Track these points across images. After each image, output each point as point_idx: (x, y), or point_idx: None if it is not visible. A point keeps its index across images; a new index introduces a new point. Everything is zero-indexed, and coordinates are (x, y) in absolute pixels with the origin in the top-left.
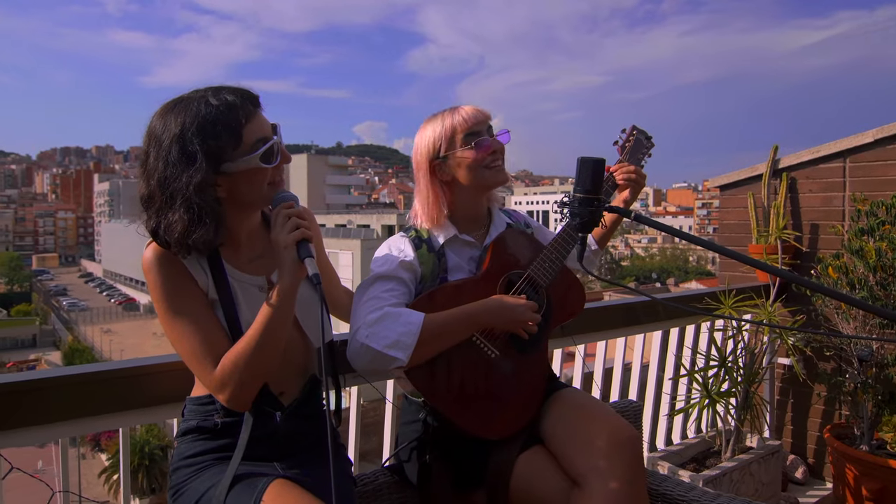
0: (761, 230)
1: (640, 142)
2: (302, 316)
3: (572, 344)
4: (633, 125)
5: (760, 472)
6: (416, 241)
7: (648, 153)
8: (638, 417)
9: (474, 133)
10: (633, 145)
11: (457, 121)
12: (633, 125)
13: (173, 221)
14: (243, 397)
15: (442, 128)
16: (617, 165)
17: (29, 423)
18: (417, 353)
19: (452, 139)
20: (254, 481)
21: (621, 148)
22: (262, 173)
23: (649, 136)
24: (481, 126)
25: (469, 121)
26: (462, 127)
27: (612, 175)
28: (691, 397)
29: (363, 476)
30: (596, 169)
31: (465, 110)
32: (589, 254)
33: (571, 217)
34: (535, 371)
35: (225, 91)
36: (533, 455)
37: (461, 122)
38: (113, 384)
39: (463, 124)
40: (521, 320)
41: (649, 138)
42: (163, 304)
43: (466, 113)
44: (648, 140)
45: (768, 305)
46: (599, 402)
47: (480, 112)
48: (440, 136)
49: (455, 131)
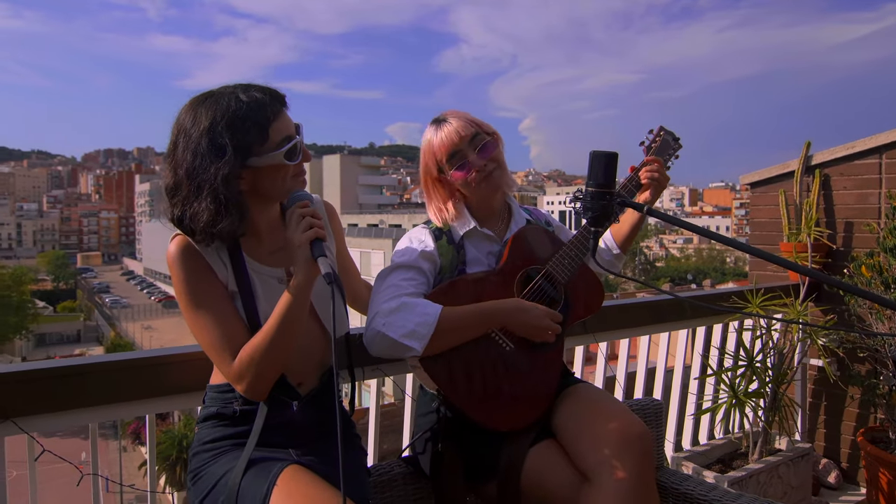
0: (792, 228)
1: (666, 143)
2: (321, 309)
3: (594, 341)
4: (661, 126)
5: (789, 475)
6: (436, 232)
7: (675, 154)
8: (659, 416)
9: (455, 154)
10: (659, 146)
11: (436, 144)
12: (660, 126)
13: (199, 211)
14: (260, 388)
15: (431, 149)
16: (643, 164)
17: (60, 408)
18: (432, 344)
19: (440, 163)
20: (268, 466)
21: (647, 148)
22: (285, 169)
23: (677, 137)
24: (460, 145)
25: (446, 146)
26: (441, 152)
27: (637, 176)
28: (718, 397)
29: (379, 466)
30: (608, 162)
31: (442, 134)
32: (610, 258)
33: (584, 212)
34: (549, 366)
35: (254, 89)
36: (544, 448)
37: (439, 148)
38: (139, 372)
39: (441, 149)
40: (538, 327)
41: (677, 139)
42: (185, 297)
43: (442, 139)
44: (676, 141)
45: (797, 305)
46: (612, 398)
47: (456, 132)
48: (430, 156)
49: (440, 157)
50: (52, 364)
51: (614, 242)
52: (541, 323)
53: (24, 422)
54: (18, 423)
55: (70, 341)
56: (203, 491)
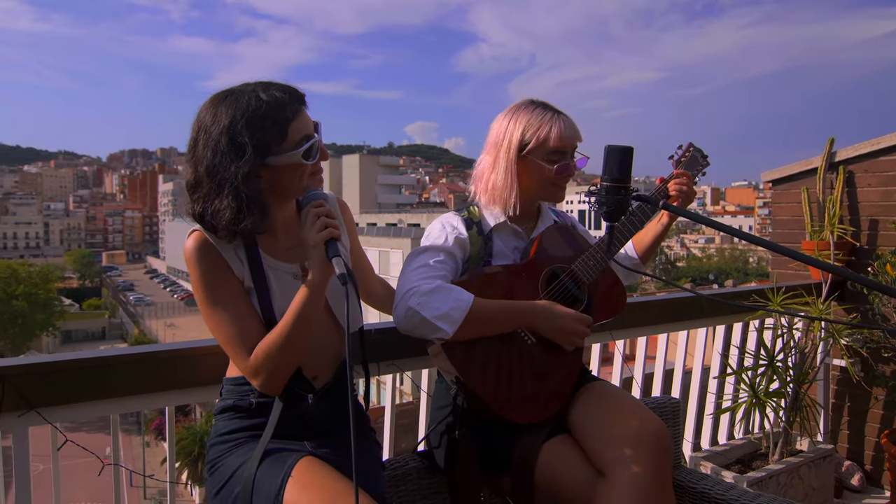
0: (815, 226)
1: (695, 159)
2: (335, 305)
3: (610, 339)
4: (690, 142)
5: (811, 477)
6: (468, 221)
7: (703, 171)
8: (676, 414)
9: (560, 152)
10: (688, 161)
11: (553, 133)
12: (689, 142)
13: (221, 208)
14: (275, 383)
15: (538, 129)
16: (671, 177)
17: (82, 399)
18: (461, 330)
19: (541, 146)
20: (283, 457)
21: (676, 163)
22: (302, 167)
23: (705, 154)
24: (569, 148)
25: (563, 139)
26: (555, 142)
27: (665, 188)
28: (738, 397)
29: (394, 460)
30: (623, 157)
31: (564, 126)
32: (629, 266)
33: (599, 206)
34: (569, 362)
35: (273, 87)
36: (559, 443)
37: (556, 137)
38: (159, 365)
39: (557, 140)
40: (569, 331)
41: (705, 157)
42: (202, 293)
43: (564, 131)
44: (704, 158)
45: (819, 303)
46: (628, 395)
47: (576, 135)
48: (533, 135)
49: (547, 140)
50: (75, 356)
51: (635, 251)
52: (571, 327)
53: (47, 412)
54: (42, 413)
55: (95, 338)
56: (220, 482)
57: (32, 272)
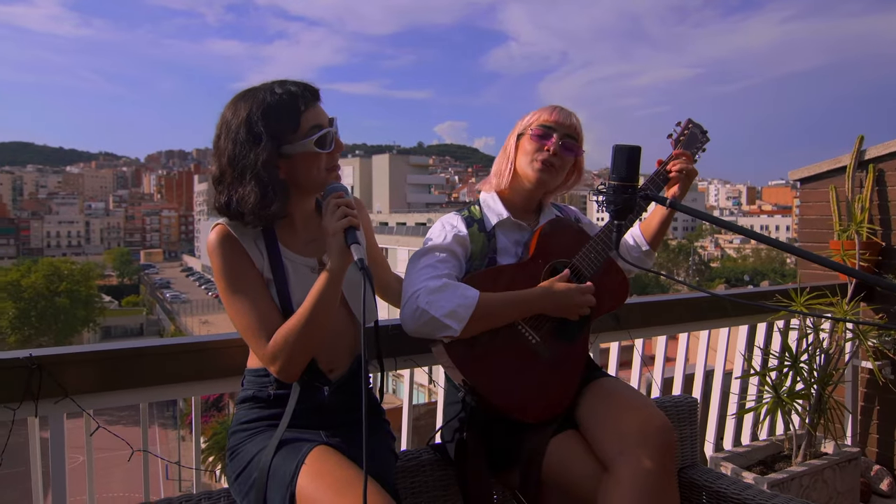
0: (843, 225)
1: (694, 136)
2: (351, 297)
3: (628, 338)
4: (689, 119)
5: (835, 480)
6: (468, 219)
7: (703, 147)
8: (693, 413)
9: (548, 128)
10: (687, 139)
11: (545, 112)
12: (688, 119)
13: (246, 194)
14: (292, 370)
15: (538, 112)
16: (670, 157)
17: (113, 387)
18: (470, 326)
19: (531, 125)
20: (298, 446)
21: (675, 141)
22: (318, 159)
23: (705, 130)
24: (559, 127)
25: (553, 116)
26: (544, 118)
27: (665, 169)
28: (762, 398)
29: (408, 452)
30: (631, 156)
31: (560, 109)
32: (639, 254)
33: (606, 205)
34: (573, 358)
35: (289, 83)
36: (566, 439)
37: (546, 115)
38: (186, 356)
39: (546, 117)
40: (574, 304)
41: (705, 132)
42: (224, 283)
43: (559, 111)
44: (704, 134)
45: (844, 304)
46: (635, 391)
47: (569, 117)
48: (531, 118)
49: (538, 119)
50: (108, 346)
51: (643, 238)
52: (573, 300)
53: (81, 399)
54: (76, 400)
55: (133, 334)
56: (239, 467)
57: (74, 270)
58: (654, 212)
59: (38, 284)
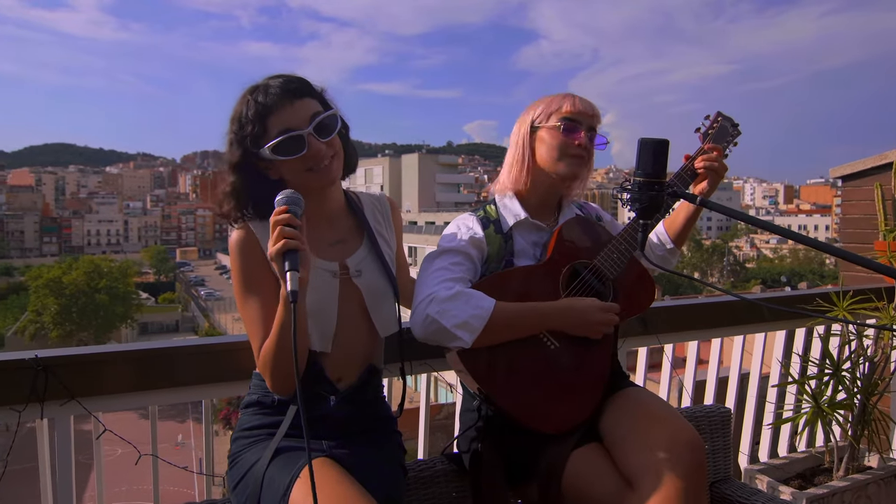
0: (889, 224)
1: (724, 129)
2: (371, 305)
3: (657, 343)
4: (718, 111)
5: (880, 496)
6: (484, 220)
7: (734, 142)
8: (726, 424)
9: (573, 120)
10: (716, 133)
11: (566, 102)
12: (717, 111)
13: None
14: (277, 384)
15: (551, 101)
16: (698, 152)
17: (121, 390)
18: (482, 337)
19: (551, 115)
20: (296, 457)
21: (703, 135)
22: (292, 163)
23: (736, 123)
24: (584, 118)
25: (576, 106)
26: (567, 109)
27: (692, 165)
28: (800, 407)
29: (421, 462)
30: (657, 150)
31: (579, 98)
32: (663, 252)
33: (631, 203)
34: (596, 366)
35: (272, 82)
36: (588, 452)
37: (568, 105)
38: (195, 358)
39: (569, 107)
40: (597, 322)
41: (735, 126)
42: (238, 285)
43: (578, 100)
44: (734, 128)
45: (891, 309)
46: (663, 403)
47: (591, 106)
48: (545, 108)
49: (558, 109)
50: (113, 348)
51: (668, 236)
52: (596, 318)
53: (87, 402)
54: (83, 402)
55: (169, 330)
56: (238, 476)
57: (113, 267)
58: (680, 208)
59: (79, 281)
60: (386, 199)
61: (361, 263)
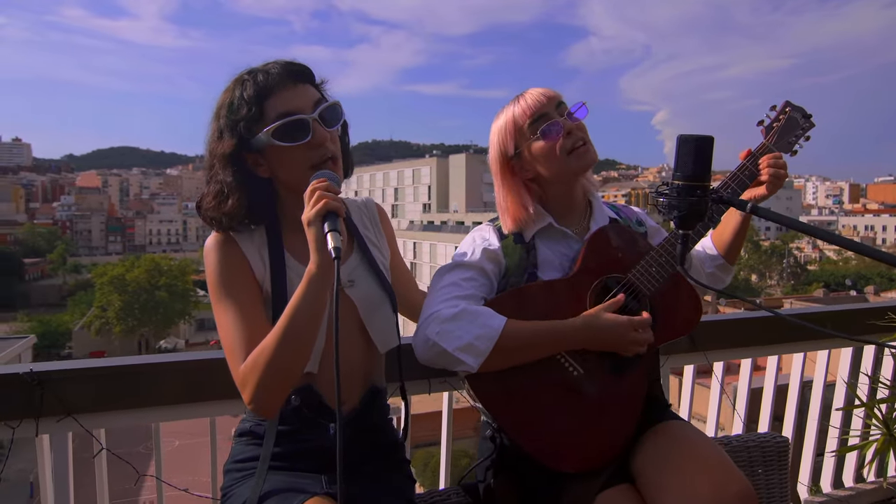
0: None
1: (793, 121)
2: (367, 317)
3: (705, 361)
4: (787, 101)
5: None
6: (501, 230)
7: (805, 135)
8: (783, 455)
9: (541, 118)
10: (782, 126)
11: (518, 111)
12: (786, 101)
13: (206, 193)
14: (263, 399)
15: (505, 122)
16: (760, 149)
17: (119, 407)
18: (490, 360)
19: (521, 132)
20: (288, 498)
21: (767, 129)
22: (292, 152)
23: (808, 114)
24: (547, 108)
25: (532, 107)
26: (525, 115)
27: (752, 166)
28: (869, 434)
29: (434, 493)
30: (699, 148)
31: (526, 96)
32: (713, 269)
33: (668, 209)
34: (628, 395)
35: (273, 64)
36: (617, 494)
37: (522, 112)
38: (195, 374)
39: (526, 112)
40: (625, 341)
41: (808, 117)
42: (213, 289)
43: (527, 99)
44: (807, 119)
45: None
46: (711, 444)
47: (542, 94)
48: (506, 131)
49: (520, 123)
50: (108, 362)
51: (717, 251)
52: (623, 336)
53: (84, 418)
54: (79, 419)
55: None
56: None
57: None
58: (728, 217)
59: (140, 279)
60: (374, 204)
61: (354, 273)
